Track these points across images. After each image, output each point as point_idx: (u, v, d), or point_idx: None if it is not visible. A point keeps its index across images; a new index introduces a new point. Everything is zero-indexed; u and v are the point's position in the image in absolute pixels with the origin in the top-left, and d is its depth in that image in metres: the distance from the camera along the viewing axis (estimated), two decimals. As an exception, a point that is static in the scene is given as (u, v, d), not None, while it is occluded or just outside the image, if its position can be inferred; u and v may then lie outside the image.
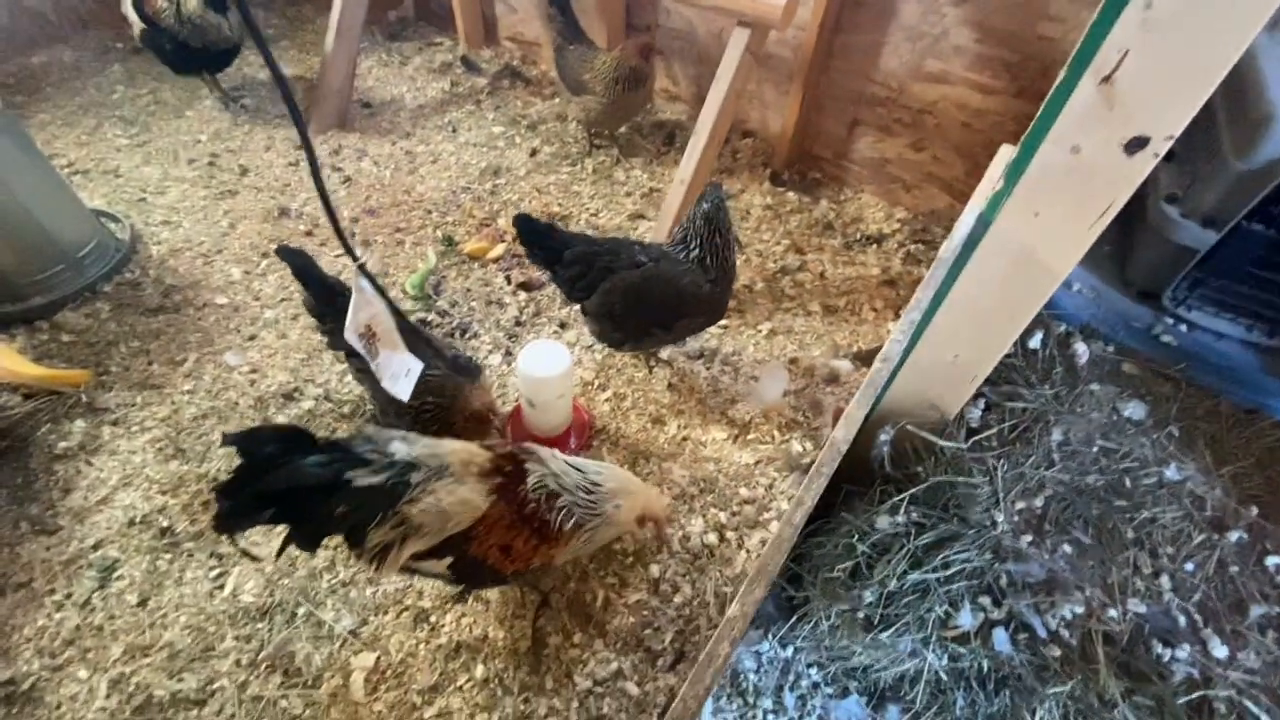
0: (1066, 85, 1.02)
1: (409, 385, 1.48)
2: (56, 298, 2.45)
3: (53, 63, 3.77)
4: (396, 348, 1.46)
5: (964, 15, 2.43)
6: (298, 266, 1.85)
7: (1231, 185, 1.53)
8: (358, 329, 1.38)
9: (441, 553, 1.36)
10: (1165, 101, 0.96)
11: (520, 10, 3.71)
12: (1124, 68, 0.95)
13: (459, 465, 1.37)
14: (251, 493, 1.16)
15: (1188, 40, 0.90)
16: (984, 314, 1.32)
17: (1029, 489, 1.44)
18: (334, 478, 1.21)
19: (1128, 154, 1.02)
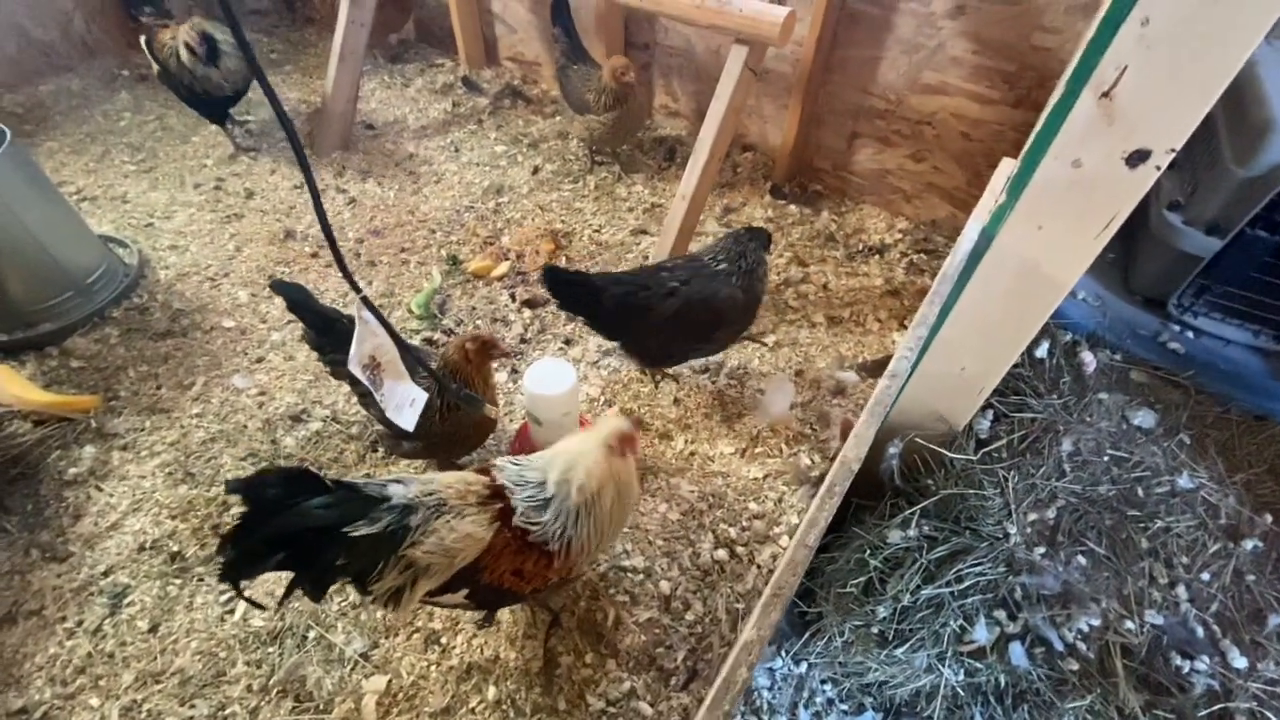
0: (1066, 100, 1.03)
1: (413, 415, 1.49)
2: (66, 324, 2.47)
3: (60, 91, 3.82)
4: (401, 378, 1.47)
5: (960, 28, 2.45)
6: (293, 300, 1.83)
7: (1233, 192, 1.54)
8: (362, 360, 1.39)
9: (455, 586, 1.35)
10: (1166, 115, 0.97)
11: (520, 31, 3.76)
12: (1123, 83, 0.97)
13: (456, 498, 1.35)
14: (258, 539, 1.14)
15: (1186, 55, 0.91)
16: (990, 327, 1.33)
17: (1040, 500, 1.43)
18: (339, 520, 1.19)
19: (1130, 167, 1.03)
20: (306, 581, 1.23)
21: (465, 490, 1.37)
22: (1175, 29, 0.90)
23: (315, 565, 1.20)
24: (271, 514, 1.15)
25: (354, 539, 1.20)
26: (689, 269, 2.05)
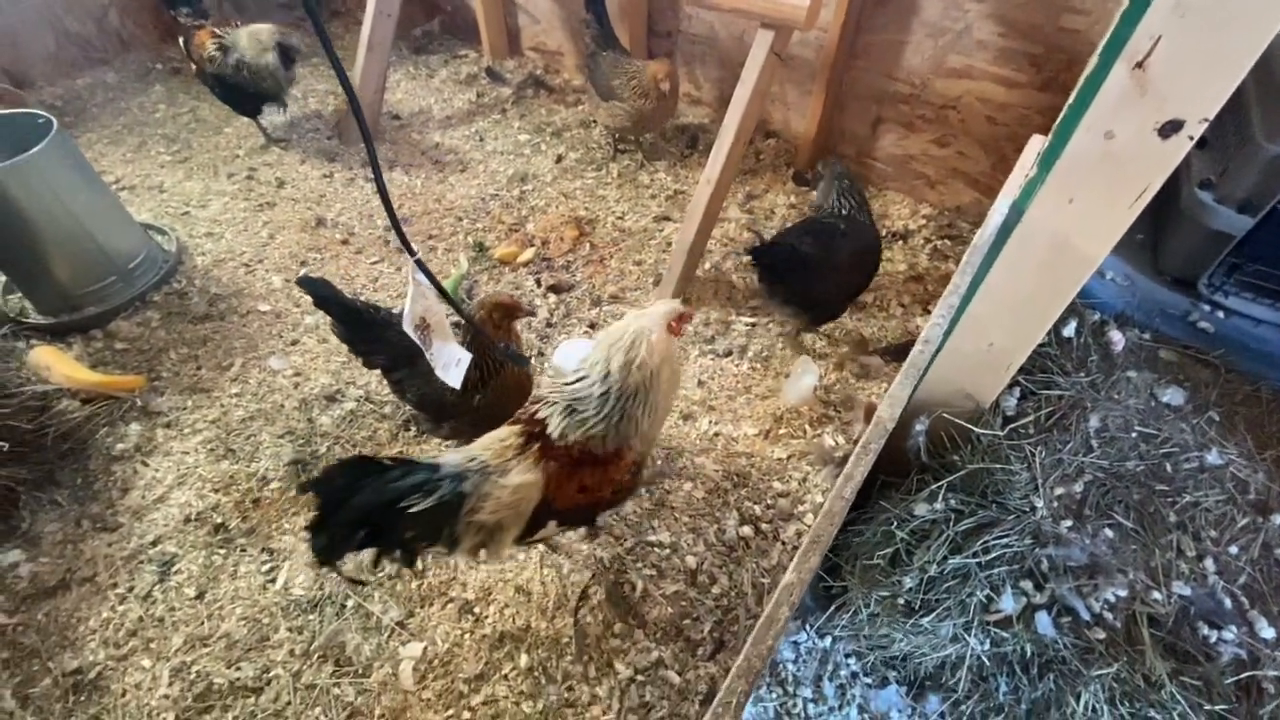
0: (1099, 72, 1.04)
1: (459, 374, 1.55)
2: (109, 308, 2.56)
3: (97, 84, 3.93)
4: (448, 338, 1.52)
5: (986, 10, 2.44)
6: (320, 296, 1.86)
7: (1266, 169, 1.53)
8: (414, 320, 1.44)
9: (540, 523, 1.43)
10: (1199, 85, 0.98)
11: (543, 21, 3.79)
12: (1156, 53, 0.98)
13: (495, 458, 1.41)
14: (340, 521, 1.22)
15: (1220, 24, 0.92)
16: (1019, 302, 1.34)
17: (1068, 475, 1.44)
18: (396, 496, 1.26)
19: (1162, 138, 1.04)
20: (394, 552, 1.32)
21: (501, 448, 1.42)
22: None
23: (390, 539, 1.29)
24: (341, 501, 1.22)
25: (415, 513, 1.27)
26: (832, 218, 2.27)
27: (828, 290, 2.27)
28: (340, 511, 1.22)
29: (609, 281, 2.78)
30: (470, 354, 1.54)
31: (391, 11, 3.26)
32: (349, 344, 1.95)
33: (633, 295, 2.72)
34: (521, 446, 1.43)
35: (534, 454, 1.42)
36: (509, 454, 1.42)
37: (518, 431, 1.46)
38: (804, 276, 2.17)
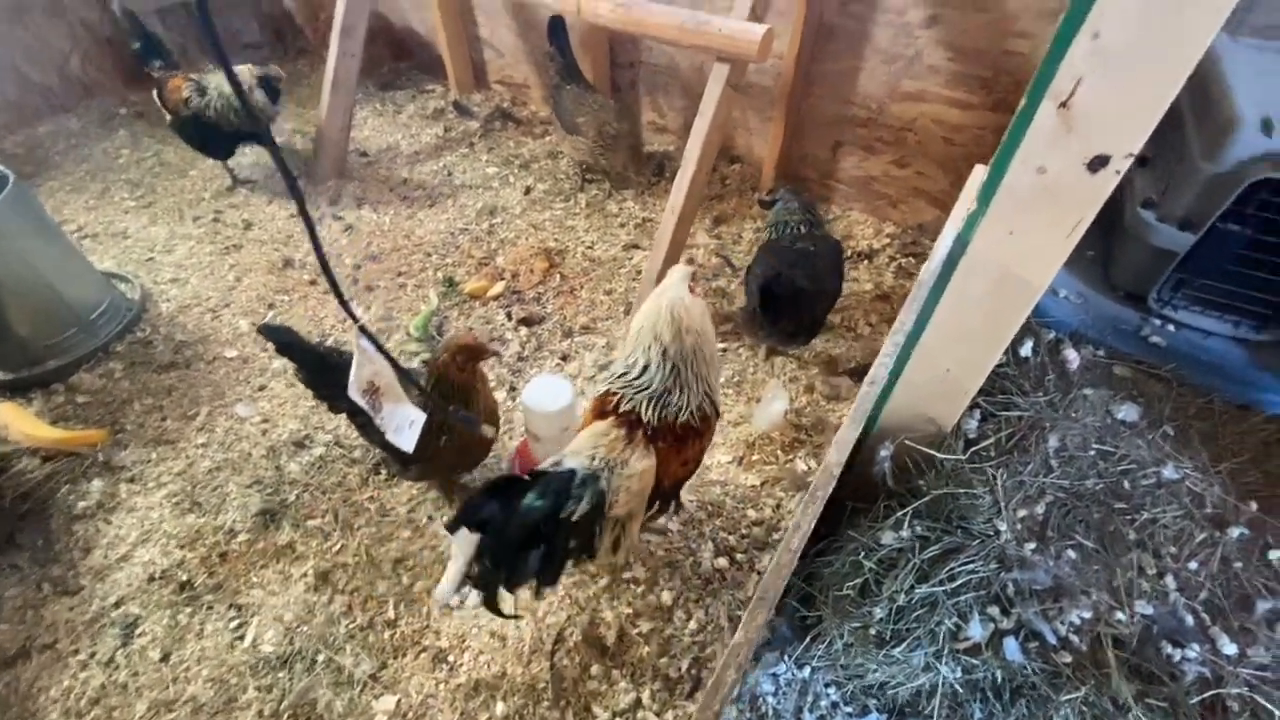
0: (1028, 110, 1.07)
1: (413, 436, 1.53)
2: (71, 360, 2.51)
3: (59, 132, 3.90)
4: (399, 400, 1.51)
5: (935, 36, 2.51)
6: (282, 343, 1.85)
7: (1204, 188, 1.58)
8: (360, 386, 1.43)
9: (649, 508, 1.54)
10: (1122, 122, 1.01)
11: (508, 55, 3.83)
12: (1079, 93, 1.01)
13: (609, 453, 1.45)
14: (509, 544, 1.26)
15: (1136, 65, 0.96)
16: (970, 330, 1.36)
17: (1029, 496, 1.46)
18: (554, 508, 1.30)
19: (1091, 172, 1.07)
20: (545, 573, 1.34)
21: (610, 443, 1.46)
22: (1125, 41, 0.94)
23: (556, 555, 1.33)
24: (501, 527, 1.25)
25: (574, 521, 1.30)
26: (798, 240, 2.35)
27: (825, 308, 2.38)
28: (506, 533, 1.25)
29: (580, 312, 2.78)
30: (423, 414, 1.53)
31: (355, 51, 3.28)
32: (313, 389, 1.93)
33: (604, 325, 2.73)
34: (627, 436, 1.48)
35: (641, 440, 1.48)
36: (619, 446, 1.46)
37: (614, 423, 1.50)
38: (808, 302, 2.25)
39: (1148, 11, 0.91)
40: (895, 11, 2.52)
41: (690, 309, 1.51)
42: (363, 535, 2.02)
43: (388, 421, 1.50)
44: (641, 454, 1.47)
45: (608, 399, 1.55)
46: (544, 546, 1.31)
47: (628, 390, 1.53)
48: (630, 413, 1.50)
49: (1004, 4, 2.32)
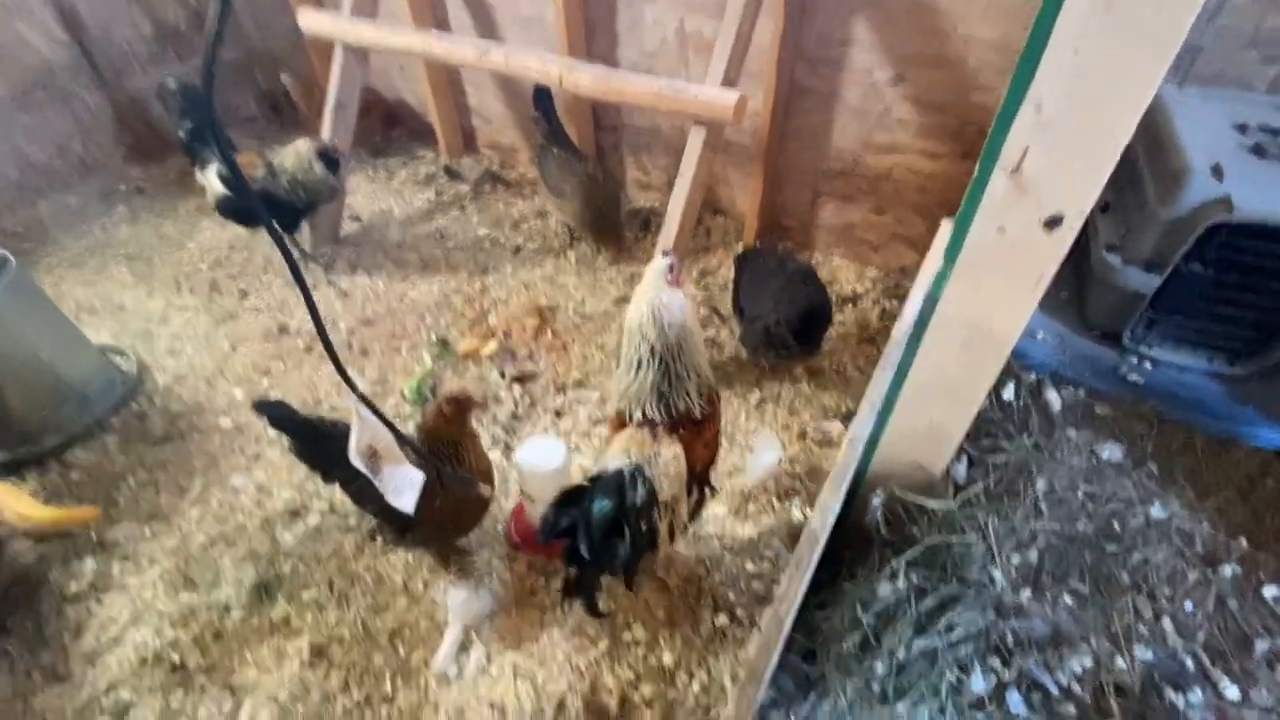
0: (983, 176, 1.14)
1: (413, 497, 1.54)
2: (66, 436, 2.52)
3: (59, 209, 3.98)
4: (398, 462, 1.53)
5: (902, 92, 2.63)
6: (276, 417, 1.88)
7: (1163, 232, 1.65)
8: (360, 451, 1.45)
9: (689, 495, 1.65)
10: (1070, 186, 1.07)
11: (495, 121, 3.98)
12: (1028, 160, 1.07)
13: (640, 451, 1.54)
14: (596, 533, 1.37)
15: (1077, 134, 1.02)
16: (948, 381, 1.40)
17: (1022, 542, 1.47)
18: (621, 505, 1.41)
19: (1047, 231, 1.12)
20: (630, 562, 1.44)
21: (638, 445, 1.56)
22: (1064, 112, 1.01)
23: (637, 544, 1.42)
24: (586, 528, 1.37)
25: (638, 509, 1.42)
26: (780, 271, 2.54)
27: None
28: (591, 532, 1.37)
29: (572, 367, 2.82)
30: (422, 475, 1.55)
31: (349, 125, 3.41)
32: (307, 461, 1.93)
33: (596, 379, 2.76)
34: (651, 435, 1.58)
35: (664, 433, 1.59)
36: (647, 443, 1.56)
37: (635, 429, 1.60)
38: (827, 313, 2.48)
39: (1083, 84, 0.98)
40: (862, 71, 2.65)
41: (669, 304, 1.59)
42: (358, 606, 1.99)
43: (387, 484, 1.52)
44: (668, 444, 1.58)
45: (621, 416, 1.66)
46: (624, 537, 1.42)
47: (632, 400, 1.63)
48: (644, 419, 1.61)
49: (964, 62, 2.45)
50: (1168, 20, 0.89)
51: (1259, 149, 1.71)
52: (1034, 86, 1.00)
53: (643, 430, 1.60)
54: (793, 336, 2.40)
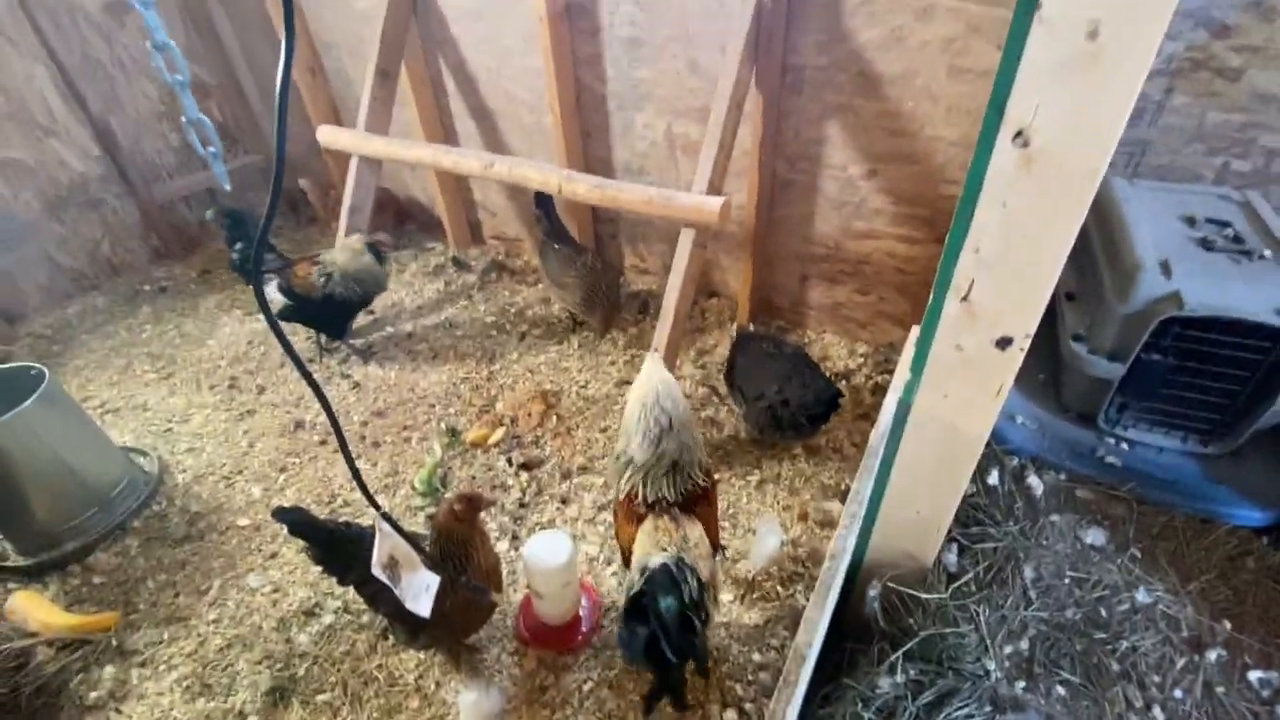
0: (938, 300, 1.27)
1: (429, 601, 1.61)
2: (89, 540, 2.60)
3: (87, 310, 4.19)
4: (415, 568, 1.61)
5: (876, 185, 2.83)
6: (294, 523, 1.94)
7: (1121, 325, 1.77)
8: (381, 562, 1.53)
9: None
10: (1014, 312, 1.19)
11: (499, 214, 4.23)
12: (974, 291, 1.20)
13: (672, 542, 1.65)
14: (679, 644, 1.47)
15: (1013, 270, 1.16)
16: (928, 476, 1.49)
17: (1013, 631, 1.52)
18: (682, 599, 1.50)
19: (1000, 349, 1.24)
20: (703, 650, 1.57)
21: (665, 531, 1.67)
22: (1000, 254, 1.15)
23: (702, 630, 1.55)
24: (666, 632, 1.46)
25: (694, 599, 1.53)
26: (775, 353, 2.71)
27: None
28: (670, 634, 1.46)
29: (577, 452, 2.91)
30: (436, 579, 1.62)
31: (362, 225, 3.64)
32: (323, 566, 2.01)
33: (600, 464, 2.85)
34: (671, 520, 1.69)
35: (682, 516, 1.71)
36: (673, 529, 1.67)
37: (654, 519, 1.71)
38: (833, 395, 2.57)
39: (1013, 230, 1.12)
40: (838, 167, 2.86)
41: (669, 386, 1.77)
42: (372, 707, 2.02)
43: (405, 591, 1.59)
44: (690, 525, 1.71)
45: (632, 497, 1.76)
46: (693, 629, 1.53)
47: (643, 479, 1.74)
48: (657, 501, 1.72)
49: (932, 158, 2.65)
50: (1080, 175, 1.04)
51: (1206, 242, 1.85)
52: (971, 233, 1.14)
53: (663, 518, 1.71)
54: (806, 419, 2.51)
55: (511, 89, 3.52)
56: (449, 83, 3.75)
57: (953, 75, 2.40)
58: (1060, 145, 0.99)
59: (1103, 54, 0.90)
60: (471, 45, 3.50)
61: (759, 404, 2.60)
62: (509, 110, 3.63)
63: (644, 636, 1.48)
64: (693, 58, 2.89)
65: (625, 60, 3.08)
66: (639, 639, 1.49)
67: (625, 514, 1.80)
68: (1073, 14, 0.90)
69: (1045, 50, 0.93)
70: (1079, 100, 0.94)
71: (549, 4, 2.92)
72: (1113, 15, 0.88)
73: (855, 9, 2.44)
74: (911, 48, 2.41)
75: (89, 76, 4.06)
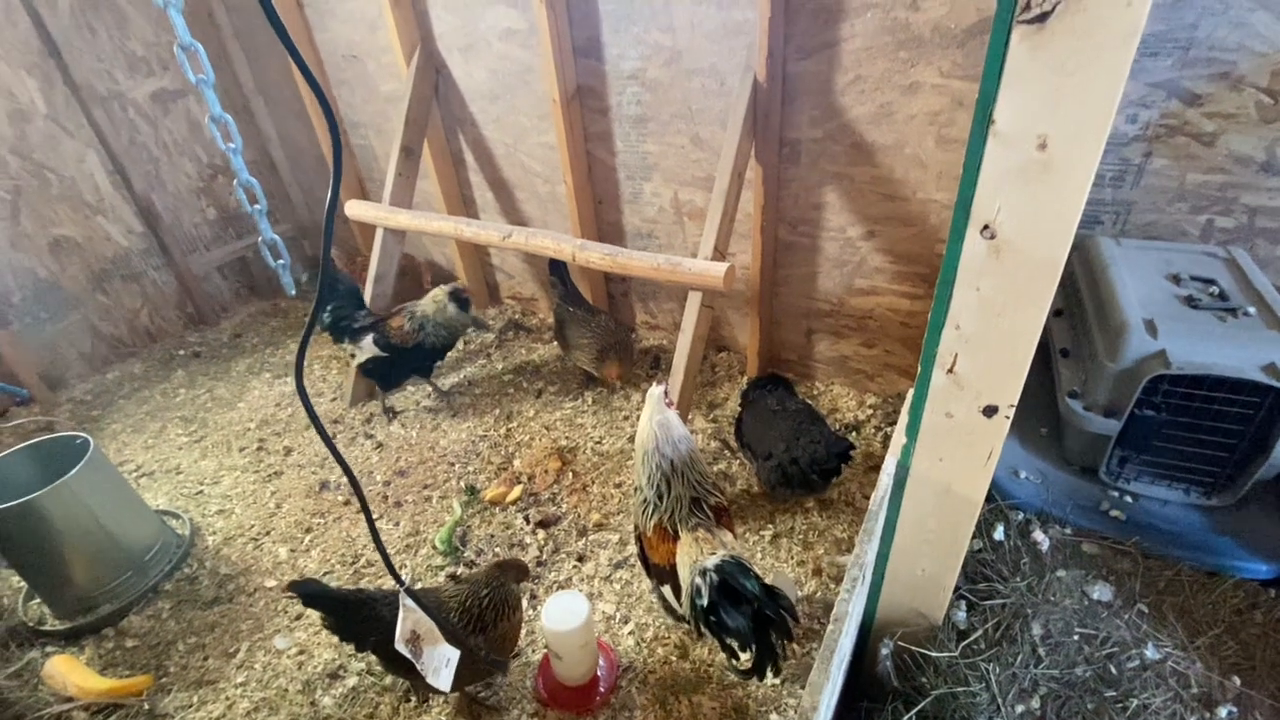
0: (925, 373, 1.36)
1: (449, 675, 1.67)
2: (124, 604, 2.69)
3: (124, 376, 4.40)
4: (436, 642, 1.67)
5: (875, 245, 2.95)
6: (309, 595, 1.99)
7: (1114, 382, 1.83)
8: (405, 637, 1.60)
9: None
10: (997, 383, 1.28)
11: (516, 276, 4.42)
12: (959, 363, 1.29)
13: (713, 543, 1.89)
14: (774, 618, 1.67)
15: (992, 345, 1.25)
16: (930, 536, 1.55)
17: (1024, 690, 1.54)
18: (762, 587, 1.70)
19: (987, 417, 1.32)
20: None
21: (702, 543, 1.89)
22: (979, 331, 1.24)
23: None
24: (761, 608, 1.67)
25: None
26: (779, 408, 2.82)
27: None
28: (763, 602, 1.66)
29: (593, 509, 2.97)
30: (457, 651, 1.68)
31: (387, 292, 3.83)
32: (339, 635, 2.04)
33: (615, 520, 2.91)
34: (708, 531, 1.93)
35: (714, 528, 1.95)
36: (709, 539, 1.90)
37: (688, 535, 1.93)
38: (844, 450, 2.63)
39: (989, 310, 1.22)
40: (837, 229, 3.00)
41: (670, 422, 2.00)
42: (394, 772, 2.05)
43: (427, 665, 1.65)
44: (723, 533, 1.96)
45: (660, 526, 1.99)
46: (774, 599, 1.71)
47: (667, 508, 1.97)
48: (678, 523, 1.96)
49: (926, 219, 2.77)
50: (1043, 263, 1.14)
51: (1191, 300, 1.93)
52: (951, 312, 1.24)
53: (698, 531, 1.92)
54: (818, 475, 2.57)
55: (527, 162, 3.75)
56: (468, 157, 3.99)
57: (941, 144, 2.55)
58: (1023, 238, 1.10)
59: (1052, 163, 1.01)
60: (489, 124, 3.75)
61: (768, 463, 2.67)
62: (525, 181, 3.85)
63: (748, 612, 1.67)
64: (695, 132, 3.08)
65: (633, 135, 3.29)
66: (744, 614, 1.67)
67: (658, 537, 2.01)
68: (1023, 129, 1.02)
69: (1001, 159, 1.04)
70: (1035, 202, 1.05)
71: (561, 89, 3.15)
72: (1058, 129, 1.00)
73: (845, 87, 2.62)
74: (900, 121, 2.57)
75: (134, 158, 4.38)
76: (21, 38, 3.81)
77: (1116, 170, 2.42)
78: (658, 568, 2.04)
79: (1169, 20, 2.21)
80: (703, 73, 2.91)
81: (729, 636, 1.72)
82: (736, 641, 1.73)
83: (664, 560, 1.98)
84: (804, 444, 2.57)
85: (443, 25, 3.54)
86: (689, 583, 1.83)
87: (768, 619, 1.66)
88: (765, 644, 1.68)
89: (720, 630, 1.75)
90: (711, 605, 1.73)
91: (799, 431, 2.64)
